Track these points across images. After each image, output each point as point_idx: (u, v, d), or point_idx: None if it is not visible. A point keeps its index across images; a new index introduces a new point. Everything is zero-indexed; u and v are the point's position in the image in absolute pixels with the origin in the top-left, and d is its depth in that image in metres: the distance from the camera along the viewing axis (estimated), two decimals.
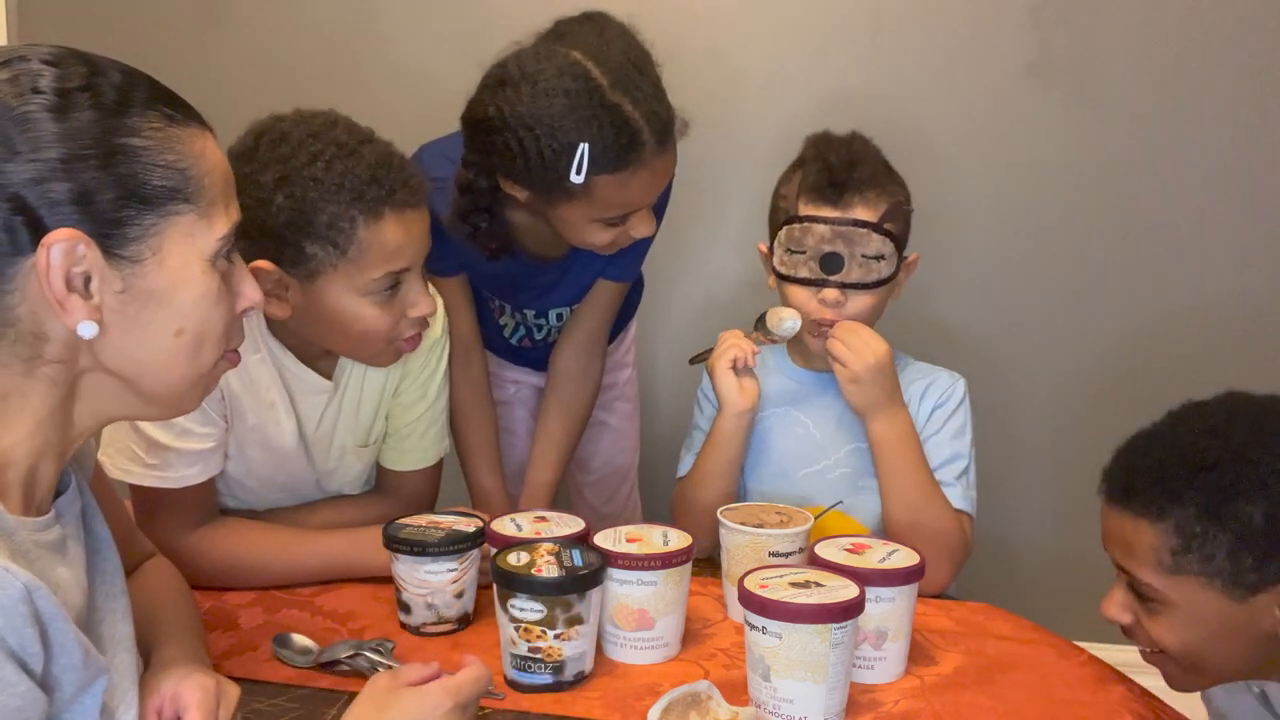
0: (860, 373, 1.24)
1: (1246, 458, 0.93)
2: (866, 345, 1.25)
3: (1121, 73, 1.92)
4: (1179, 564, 0.95)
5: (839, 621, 0.91)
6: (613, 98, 1.18)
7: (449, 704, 0.81)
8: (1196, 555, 0.94)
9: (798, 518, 1.18)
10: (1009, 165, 1.98)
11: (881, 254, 1.28)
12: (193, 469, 1.21)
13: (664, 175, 1.29)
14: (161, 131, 0.74)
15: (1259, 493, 0.92)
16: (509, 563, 1.00)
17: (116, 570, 0.85)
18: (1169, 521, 0.95)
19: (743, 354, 1.30)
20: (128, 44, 2.09)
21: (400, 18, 2.08)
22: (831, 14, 1.99)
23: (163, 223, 0.74)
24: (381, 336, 1.19)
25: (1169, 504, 0.95)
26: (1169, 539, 0.95)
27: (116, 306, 0.73)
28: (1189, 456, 0.96)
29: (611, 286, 1.55)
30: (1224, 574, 0.93)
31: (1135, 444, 1.02)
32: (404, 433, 1.38)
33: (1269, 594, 0.93)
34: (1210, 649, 0.99)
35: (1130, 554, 0.99)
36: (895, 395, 1.28)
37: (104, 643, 0.80)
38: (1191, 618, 0.97)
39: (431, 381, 1.38)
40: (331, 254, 1.13)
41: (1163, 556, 0.96)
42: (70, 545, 0.79)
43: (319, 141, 1.12)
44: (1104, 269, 1.96)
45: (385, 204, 1.12)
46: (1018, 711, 0.98)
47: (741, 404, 1.32)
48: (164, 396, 0.80)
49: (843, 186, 1.29)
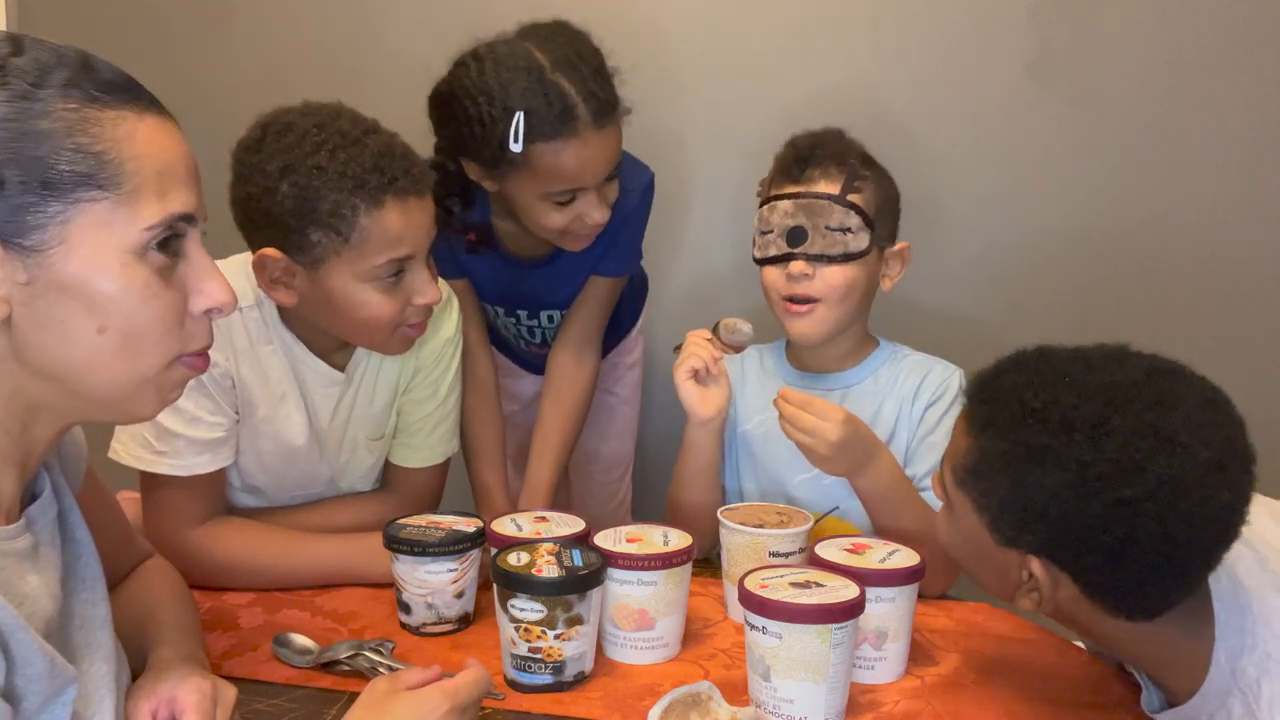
0: (828, 453, 1.19)
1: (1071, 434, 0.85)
2: (822, 422, 1.18)
3: (1121, 72, 1.92)
4: (964, 481, 0.92)
5: (839, 621, 0.91)
6: (552, 76, 1.30)
7: (446, 706, 0.81)
8: (979, 485, 0.91)
9: (798, 518, 1.18)
10: (1008, 164, 1.98)
11: (846, 226, 1.28)
12: (201, 457, 1.21)
13: (602, 153, 1.35)
14: (76, 113, 0.69)
15: (1059, 472, 0.85)
16: (509, 563, 1.00)
17: (97, 578, 0.83)
18: (978, 441, 0.91)
19: (702, 362, 1.29)
20: (127, 43, 2.10)
21: (401, 17, 2.08)
22: (831, 12, 1.98)
23: (71, 210, 0.69)
24: (386, 323, 1.20)
25: (988, 427, 0.91)
26: (969, 456, 0.92)
27: (24, 300, 0.69)
28: (1033, 398, 0.88)
29: (605, 283, 1.57)
30: (990, 514, 0.90)
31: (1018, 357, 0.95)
32: (414, 429, 1.39)
33: (1017, 555, 0.89)
34: (968, 563, 0.98)
35: (950, 446, 0.97)
36: (871, 449, 1.22)
37: (79, 650, 0.79)
38: (960, 529, 0.94)
39: (443, 380, 1.39)
40: (335, 241, 1.14)
41: (959, 467, 0.93)
42: (44, 552, 0.77)
43: (323, 132, 1.14)
44: (1104, 268, 1.96)
45: (386, 191, 1.14)
46: (1018, 711, 0.98)
47: (703, 413, 1.31)
48: (105, 399, 0.75)
49: (805, 162, 1.32)
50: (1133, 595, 0.87)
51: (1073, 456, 0.84)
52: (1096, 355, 0.91)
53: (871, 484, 1.22)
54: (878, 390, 1.37)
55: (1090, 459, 0.83)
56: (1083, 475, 0.83)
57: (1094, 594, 0.88)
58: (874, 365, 1.39)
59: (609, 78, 1.35)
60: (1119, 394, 0.85)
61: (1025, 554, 0.88)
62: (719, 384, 1.32)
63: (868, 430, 1.22)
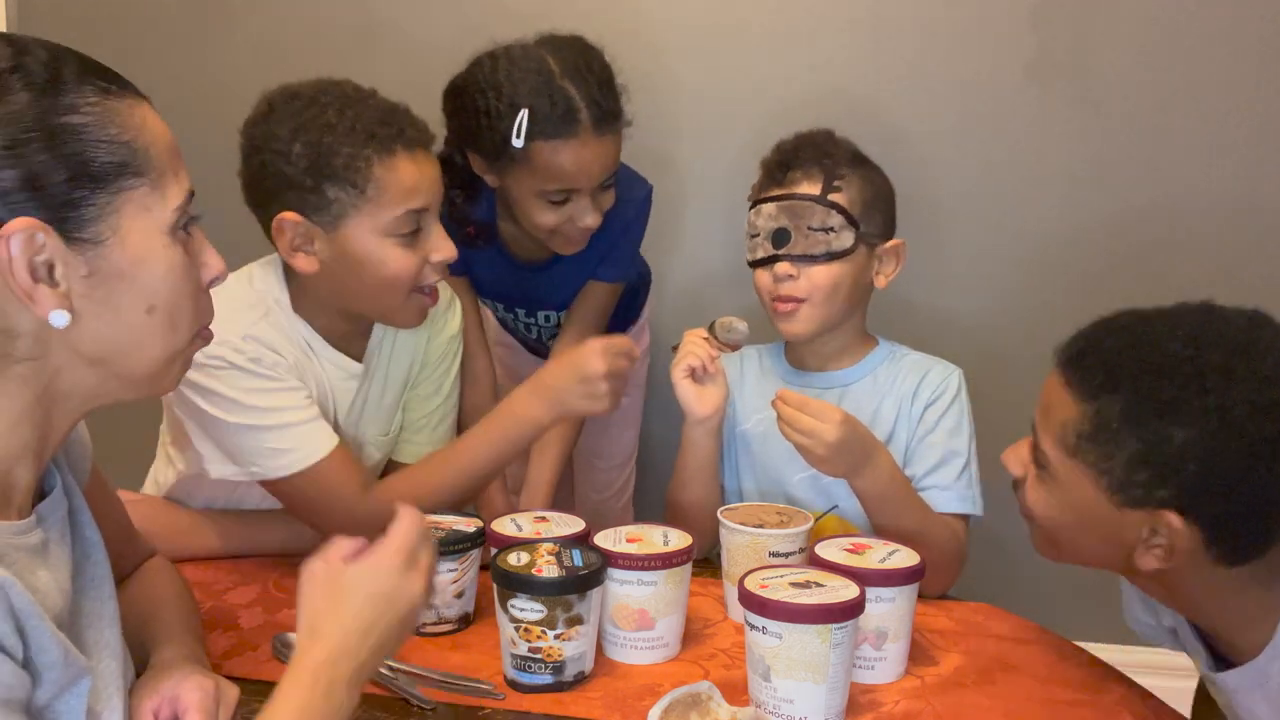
0: (826, 454, 1.18)
1: (1202, 383, 0.87)
2: (819, 423, 1.17)
3: (1120, 73, 1.92)
4: (1079, 448, 0.92)
5: (839, 621, 0.91)
6: (560, 81, 1.35)
7: (398, 561, 0.81)
8: (1098, 449, 0.91)
9: (798, 518, 1.18)
10: (1008, 164, 1.98)
11: (828, 225, 1.29)
12: (322, 430, 1.23)
13: (598, 158, 1.40)
14: (99, 105, 0.71)
15: (1192, 421, 0.86)
16: (509, 563, 1.00)
17: (105, 576, 0.84)
18: (1092, 405, 0.92)
19: (699, 361, 1.30)
20: (127, 43, 2.11)
21: (402, 17, 2.08)
22: (831, 13, 1.99)
23: (117, 200, 0.72)
24: (406, 282, 1.22)
25: (1102, 390, 0.91)
26: (1082, 422, 0.92)
27: (85, 291, 0.71)
28: (1148, 355, 0.90)
29: (603, 288, 1.61)
30: (1113, 477, 0.90)
31: (1111, 321, 0.97)
32: (418, 424, 1.41)
33: (1145, 514, 0.90)
34: (1071, 534, 0.97)
35: (1046, 418, 0.97)
36: (869, 449, 1.21)
37: (89, 648, 0.79)
38: (1068, 501, 0.95)
39: (447, 376, 1.42)
40: (351, 194, 1.16)
41: (1069, 435, 0.93)
42: (54, 549, 0.78)
43: (329, 94, 1.18)
44: (1103, 267, 1.96)
45: (397, 141, 1.18)
46: (1018, 711, 0.98)
47: (700, 412, 1.31)
48: (142, 376, 0.78)
49: (787, 165, 1.34)
50: (1254, 536, 0.89)
51: (1208, 405, 0.86)
52: (1189, 311, 0.95)
53: (870, 484, 1.22)
54: (876, 389, 1.37)
55: (1227, 404, 0.85)
56: (1223, 421, 0.85)
57: (1217, 539, 0.89)
58: (872, 364, 1.39)
59: (615, 90, 1.40)
60: (1234, 341, 0.89)
61: (1155, 511, 0.89)
62: (716, 382, 1.32)
63: (866, 431, 1.22)
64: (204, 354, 1.09)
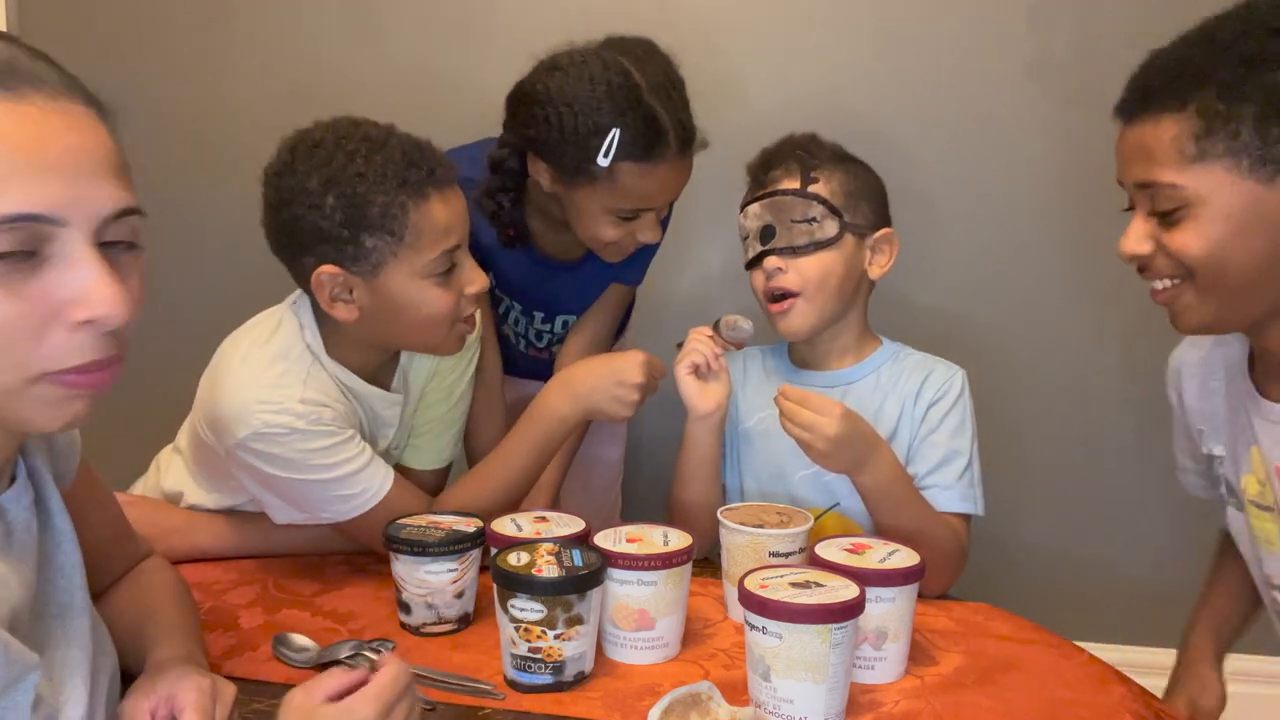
0: (827, 449, 1.17)
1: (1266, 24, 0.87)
2: (819, 417, 1.17)
3: (1120, 72, 1.91)
4: (1203, 149, 0.91)
5: (839, 621, 0.91)
6: (648, 99, 1.32)
7: (371, 711, 0.78)
8: (1221, 135, 0.90)
9: (798, 518, 1.18)
10: (1007, 164, 1.98)
11: (810, 216, 1.31)
12: (383, 466, 1.24)
13: (679, 181, 1.40)
14: None
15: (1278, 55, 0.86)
16: (509, 563, 1.00)
17: (76, 565, 0.83)
18: (1190, 108, 0.91)
19: (703, 358, 1.31)
20: (127, 43, 2.10)
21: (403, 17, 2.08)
22: (830, 13, 1.99)
23: None
24: (447, 318, 1.23)
25: (1189, 91, 0.91)
26: (1191, 125, 0.91)
27: None
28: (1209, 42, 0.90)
29: (620, 290, 1.62)
30: (1250, 150, 0.89)
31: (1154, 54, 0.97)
32: (422, 430, 1.41)
33: None
34: (1234, 246, 0.94)
35: (1150, 159, 0.95)
36: (871, 445, 1.21)
37: (53, 637, 0.79)
38: (1216, 211, 0.93)
39: (457, 385, 1.41)
40: (389, 242, 1.16)
41: (1185, 146, 0.92)
42: (17, 538, 0.77)
43: (351, 140, 1.17)
44: (1103, 267, 1.96)
45: (428, 184, 1.17)
46: (1018, 711, 0.98)
47: (703, 408, 1.32)
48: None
49: (769, 165, 1.36)
50: None
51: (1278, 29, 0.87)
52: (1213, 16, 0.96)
53: (872, 480, 1.22)
54: (879, 388, 1.37)
55: None
56: None
57: None
58: (876, 364, 1.39)
59: (690, 110, 1.38)
60: None
61: None
62: (719, 380, 1.32)
63: (868, 426, 1.22)
64: (267, 425, 1.14)
